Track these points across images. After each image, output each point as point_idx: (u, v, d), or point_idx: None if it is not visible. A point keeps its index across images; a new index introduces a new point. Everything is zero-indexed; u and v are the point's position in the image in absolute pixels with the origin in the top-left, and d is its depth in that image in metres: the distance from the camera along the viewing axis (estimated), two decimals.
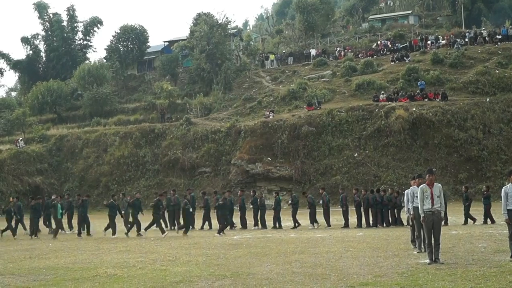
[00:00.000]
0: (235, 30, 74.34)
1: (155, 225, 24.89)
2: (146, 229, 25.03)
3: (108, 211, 26.55)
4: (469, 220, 25.24)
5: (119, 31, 73.12)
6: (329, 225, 27.00)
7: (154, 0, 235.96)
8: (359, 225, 26.40)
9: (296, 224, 27.10)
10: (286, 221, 28.60)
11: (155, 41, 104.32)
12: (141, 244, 21.18)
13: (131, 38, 72.86)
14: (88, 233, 26.25)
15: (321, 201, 28.12)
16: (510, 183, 13.80)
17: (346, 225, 26.51)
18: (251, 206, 28.87)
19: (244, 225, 28.24)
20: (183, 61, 69.96)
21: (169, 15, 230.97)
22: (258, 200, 28.34)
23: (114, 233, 25.47)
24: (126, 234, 25.21)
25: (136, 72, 74.23)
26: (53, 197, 31.71)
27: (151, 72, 72.56)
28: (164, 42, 79.02)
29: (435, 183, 13.54)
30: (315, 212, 27.59)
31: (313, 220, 27.36)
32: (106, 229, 26.36)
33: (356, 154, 45.24)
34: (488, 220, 24.84)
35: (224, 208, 25.33)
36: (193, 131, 52.22)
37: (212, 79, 62.13)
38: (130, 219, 26.46)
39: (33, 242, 24.32)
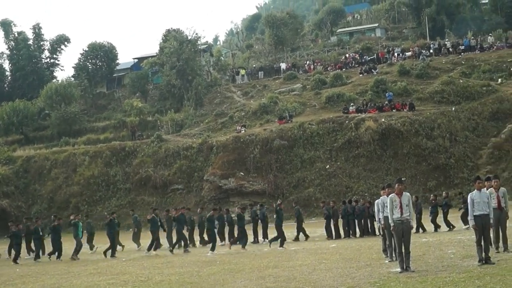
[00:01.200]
0: (205, 46, 74.66)
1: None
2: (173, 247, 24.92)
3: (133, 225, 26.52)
4: (438, 226, 25.92)
5: (87, 49, 72.70)
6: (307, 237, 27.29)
7: (123, 17, 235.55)
8: (331, 236, 26.68)
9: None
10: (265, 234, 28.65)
11: (124, 58, 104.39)
12: (112, 265, 20.91)
13: (100, 56, 72.52)
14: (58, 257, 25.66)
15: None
16: (476, 190, 14.30)
17: (330, 236, 26.74)
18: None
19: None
20: (153, 77, 69.85)
21: (138, 32, 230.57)
22: (225, 216, 28.28)
23: (156, 247, 24.89)
24: (171, 250, 24.52)
25: (105, 90, 73.74)
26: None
27: (120, 89, 72.18)
28: (134, 59, 78.88)
29: (404, 192, 13.84)
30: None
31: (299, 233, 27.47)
32: (149, 247, 25.10)
33: (328, 166, 45.75)
34: (433, 228, 25.72)
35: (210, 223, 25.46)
36: (164, 148, 52.16)
37: (183, 95, 62.16)
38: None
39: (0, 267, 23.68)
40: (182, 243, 25.19)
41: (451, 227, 25.61)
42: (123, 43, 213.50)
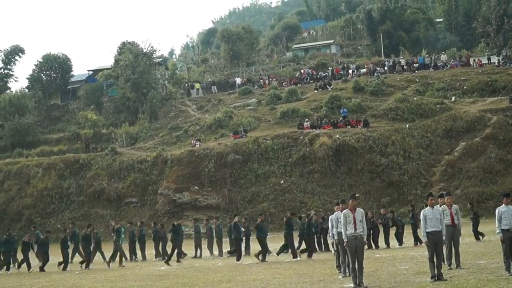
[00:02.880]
0: (161, 59, 74.19)
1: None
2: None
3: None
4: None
5: (41, 60, 71.47)
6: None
7: (77, 29, 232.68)
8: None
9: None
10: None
11: (79, 70, 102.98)
12: (65, 278, 20.57)
13: (54, 67, 71.34)
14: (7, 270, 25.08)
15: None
16: (429, 207, 14.31)
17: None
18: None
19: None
20: (108, 90, 69.08)
21: (93, 44, 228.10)
22: (159, 232, 27.87)
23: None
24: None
25: (59, 101, 72.52)
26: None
27: (75, 101, 71.12)
28: (88, 71, 77.92)
29: (357, 208, 13.81)
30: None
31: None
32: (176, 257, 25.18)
33: (282, 181, 45.69)
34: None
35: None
36: (118, 161, 51.40)
37: (137, 108, 61.54)
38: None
39: None
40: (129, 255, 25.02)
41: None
42: (78, 55, 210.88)
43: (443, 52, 67.03)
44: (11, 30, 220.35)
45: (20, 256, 26.41)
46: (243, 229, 25.25)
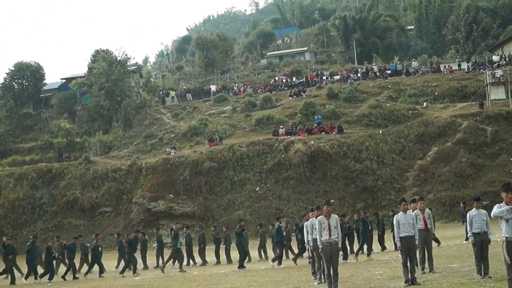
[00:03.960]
0: (135, 67, 73.86)
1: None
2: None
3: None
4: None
5: (13, 68, 70.59)
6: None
7: (50, 37, 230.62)
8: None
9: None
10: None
11: (52, 78, 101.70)
12: None
13: (26, 76, 70.41)
14: None
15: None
16: (401, 212, 14.51)
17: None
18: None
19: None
20: (81, 98, 68.42)
21: (66, 52, 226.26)
22: (124, 241, 27.61)
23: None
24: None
25: (31, 110, 71.55)
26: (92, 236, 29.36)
27: (47, 110, 70.25)
28: (61, 79, 77.04)
29: (332, 215, 13.93)
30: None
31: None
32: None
33: (258, 188, 45.79)
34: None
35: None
36: (92, 170, 50.96)
37: (111, 116, 61.14)
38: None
39: None
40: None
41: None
42: (50, 63, 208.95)
43: (415, 59, 67.93)
44: None
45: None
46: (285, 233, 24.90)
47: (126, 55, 65.77)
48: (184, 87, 71.87)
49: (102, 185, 49.62)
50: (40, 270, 25.33)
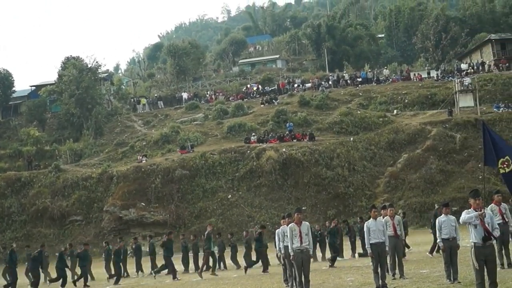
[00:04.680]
0: (106, 74, 73.41)
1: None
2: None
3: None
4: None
5: None
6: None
7: (20, 43, 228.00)
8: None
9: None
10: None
11: (21, 86, 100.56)
12: None
13: None
14: None
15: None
16: (372, 219, 14.63)
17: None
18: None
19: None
20: (51, 106, 67.69)
21: (36, 59, 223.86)
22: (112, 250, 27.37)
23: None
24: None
25: (0, 118, 70.74)
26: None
27: (17, 118, 69.37)
28: (31, 86, 76.16)
29: (303, 222, 13.95)
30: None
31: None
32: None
33: (230, 196, 45.73)
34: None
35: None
36: (62, 179, 50.32)
37: (82, 124, 60.58)
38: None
39: None
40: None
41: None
42: (20, 70, 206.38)
43: (385, 67, 68.71)
44: None
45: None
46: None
47: (97, 62, 65.41)
48: (155, 95, 71.61)
49: (72, 194, 49.04)
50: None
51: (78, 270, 25.16)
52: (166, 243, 24.55)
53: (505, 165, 12.04)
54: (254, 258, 24.65)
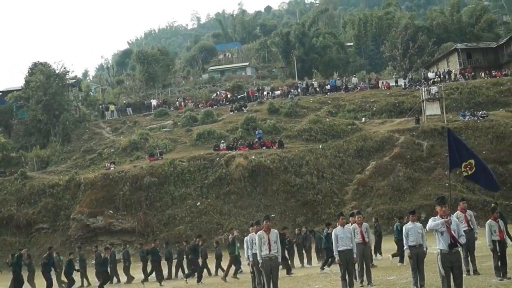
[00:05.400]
0: (74, 81, 72.66)
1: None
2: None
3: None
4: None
5: None
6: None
7: None
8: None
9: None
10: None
11: None
12: None
13: None
14: None
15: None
16: (339, 226, 14.72)
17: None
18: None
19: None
20: (17, 112, 66.65)
21: (2, 65, 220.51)
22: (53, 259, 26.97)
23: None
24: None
25: None
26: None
27: None
28: None
29: (271, 229, 14.01)
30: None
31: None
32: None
33: (199, 203, 45.53)
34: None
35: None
36: (29, 186, 49.53)
37: (49, 130, 59.80)
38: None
39: None
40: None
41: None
42: None
43: (354, 75, 69.36)
44: None
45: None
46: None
47: (65, 68, 64.77)
48: (124, 101, 71.14)
49: (39, 201, 48.27)
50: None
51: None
52: (194, 247, 25.29)
53: (468, 168, 12.35)
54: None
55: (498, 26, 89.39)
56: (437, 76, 62.57)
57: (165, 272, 26.85)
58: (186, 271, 26.00)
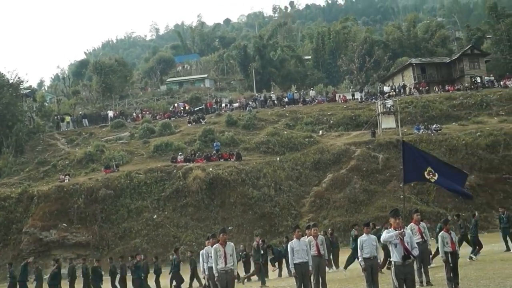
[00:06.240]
0: (28, 91, 71.37)
1: None
2: None
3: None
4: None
5: None
6: None
7: None
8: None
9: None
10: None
11: None
12: None
13: None
14: None
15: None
16: (295, 239, 14.73)
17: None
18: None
19: None
20: None
21: None
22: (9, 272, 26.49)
23: None
24: None
25: None
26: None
27: None
28: None
29: (227, 242, 13.95)
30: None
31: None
32: None
33: (155, 216, 45.04)
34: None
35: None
36: None
37: (1, 142, 58.46)
38: None
39: None
40: None
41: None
42: None
43: (311, 88, 69.95)
44: None
45: None
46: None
47: (19, 78, 63.61)
48: (80, 112, 70.19)
49: None
50: None
51: None
52: (135, 265, 25.74)
53: (431, 175, 12.51)
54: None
55: (451, 42, 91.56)
56: (392, 90, 63.63)
57: None
58: None
